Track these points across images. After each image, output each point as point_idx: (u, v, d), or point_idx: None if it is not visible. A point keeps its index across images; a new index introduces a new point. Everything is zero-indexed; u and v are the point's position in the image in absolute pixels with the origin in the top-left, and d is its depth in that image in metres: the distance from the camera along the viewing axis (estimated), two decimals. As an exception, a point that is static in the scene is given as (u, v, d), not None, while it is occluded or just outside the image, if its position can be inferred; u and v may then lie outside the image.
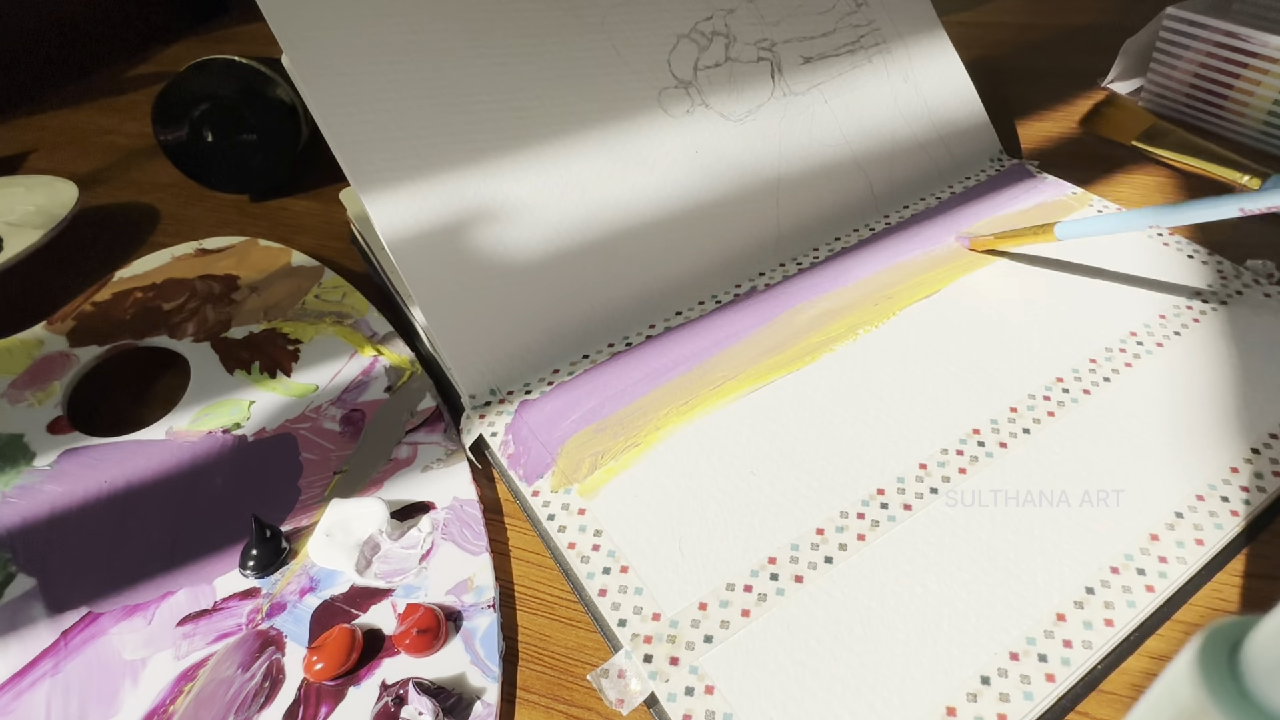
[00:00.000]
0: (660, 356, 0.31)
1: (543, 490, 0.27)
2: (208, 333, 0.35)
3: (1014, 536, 0.24)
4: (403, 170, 0.30)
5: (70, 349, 0.35)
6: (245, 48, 0.48)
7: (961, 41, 0.42)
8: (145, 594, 0.25)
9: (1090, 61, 0.50)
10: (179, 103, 0.43)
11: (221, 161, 0.45)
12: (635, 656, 0.22)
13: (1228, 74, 0.41)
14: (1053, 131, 0.45)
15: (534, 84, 0.32)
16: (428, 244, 0.30)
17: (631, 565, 0.24)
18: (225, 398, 0.32)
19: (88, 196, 0.47)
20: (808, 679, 0.21)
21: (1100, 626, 0.22)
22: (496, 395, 0.30)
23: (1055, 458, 0.26)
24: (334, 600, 0.25)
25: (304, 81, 0.29)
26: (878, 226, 0.37)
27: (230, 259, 0.40)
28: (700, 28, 0.36)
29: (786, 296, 0.33)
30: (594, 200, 0.33)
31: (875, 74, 0.39)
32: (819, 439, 0.27)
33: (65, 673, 0.23)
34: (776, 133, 0.36)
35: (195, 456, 0.30)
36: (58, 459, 0.30)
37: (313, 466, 0.29)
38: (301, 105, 0.47)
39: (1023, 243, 0.32)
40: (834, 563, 0.24)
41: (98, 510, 0.28)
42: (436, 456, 0.29)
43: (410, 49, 0.31)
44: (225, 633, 0.24)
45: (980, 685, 0.21)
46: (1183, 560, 0.23)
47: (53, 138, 0.57)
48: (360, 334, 0.34)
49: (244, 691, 0.22)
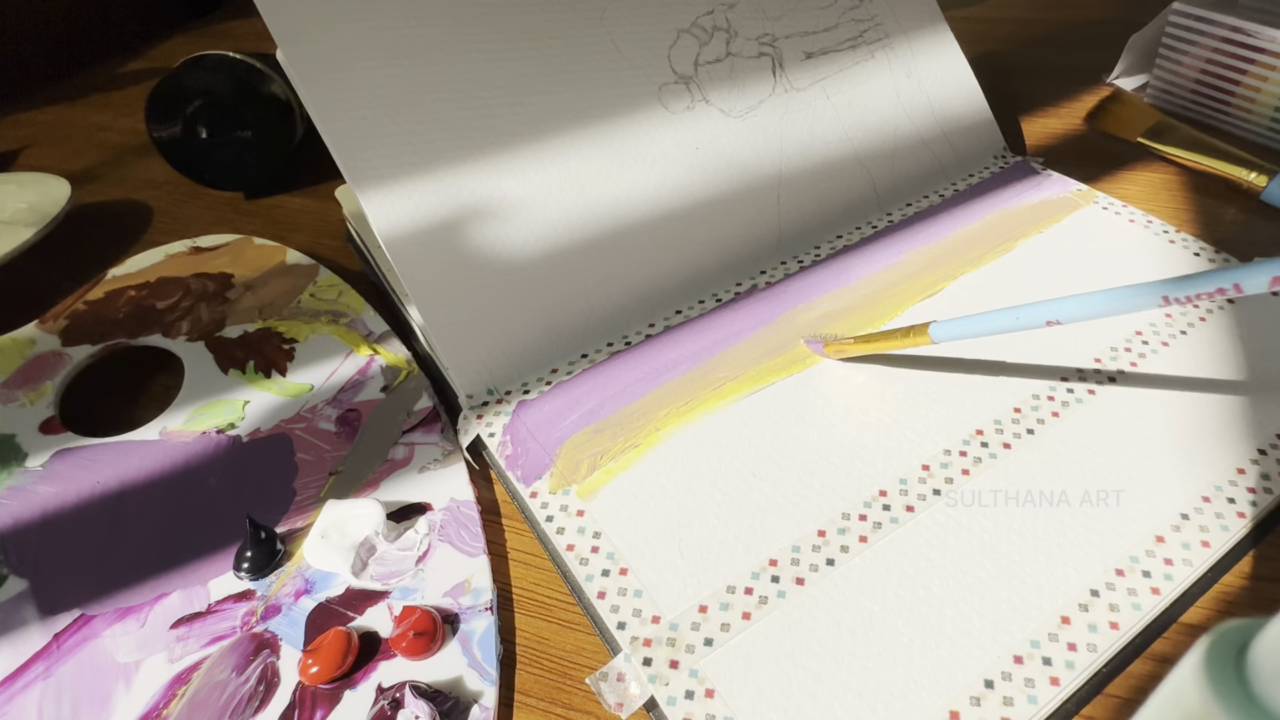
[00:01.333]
0: (660, 356, 0.31)
1: (541, 491, 0.27)
2: (202, 332, 0.35)
3: (1017, 538, 0.24)
4: (399, 167, 0.30)
5: (63, 348, 0.35)
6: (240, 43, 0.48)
7: (965, 37, 0.42)
8: (138, 596, 0.25)
9: (1095, 57, 0.50)
10: (173, 99, 0.43)
11: (216, 158, 0.45)
12: (634, 659, 0.22)
13: (1234, 70, 0.41)
14: (1057, 128, 0.45)
15: (532, 80, 0.32)
16: (424, 242, 0.30)
17: (631, 567, 0.24)
18: (219, 398, 0.32)
19: (80, 194, 0.47)
20: (809, 682, 0.21)
21: (1105, 629, 0.22)
22: (494, 395, 0.30)
23: (1059, 459, 0.26)
24: (329, 603, 0.25)
25: (299, 77, 0.29)
26: (880, 224, 0.37)
27: (225, 257, 0.39)
28: (701, 22, 0.36)
29: (788, 295, 0.33)
30: (593, 197, 0.32)
31: (878, 69, 0.39)
32: (820, 440, 0.27)
33: (57, 676, 0.23)
34: (778, 129, 0.36)
35: (189, 457, 0.30)
36: (50, 459, 0.30)
37: (308, 467, 0.29)
38: (297, 101, 0.46)
39: (889, 347, 0.27)
40: (836, 565, 0.24)
41: (90, 511, 0.28)
42: (433, 457, 0.29)
43: (406, 44, 0.31)
44: (219, 635, 0.24)
45: (984, 689, 0.21)
46: (1189, 562, 0.23)
47: (45, 134, 0.57)
48: (356, 333, 0.34)
49: (238, 695, 0.22)
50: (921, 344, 0.26)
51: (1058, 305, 0.22)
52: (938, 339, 0.25)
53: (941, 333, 0.25)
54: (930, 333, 0.25)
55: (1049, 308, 0.22)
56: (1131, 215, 0.36)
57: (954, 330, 0.24)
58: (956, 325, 0.25)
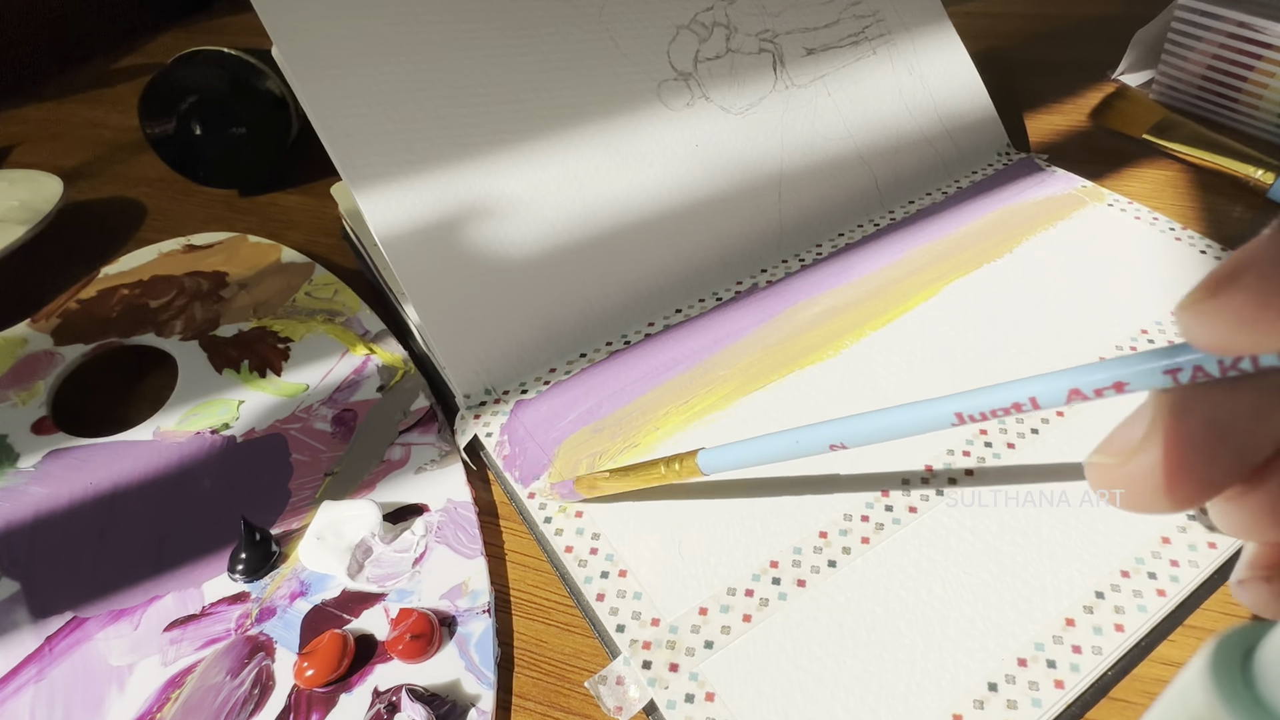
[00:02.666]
0: (659, 355, 0.31)
1: (539, 492, 0.27)
2: (196, 331, 0.35)
3: (1021, 539, 0.24)
4: (396, 164, 0.30)
5: (55, 347, 0.35)
6: (234, 39, 0.48)
7: (968, 32, 0.42)
8: (132, 599, 0.25)
9: (1100, 53, 0.50)
10: (166, 95, 0.43)
11: (210, 155, 0.45)
12: (634, 663, 0.22)
13: (1241, 66, 0.41)
14: (1061, 125, 0.45)
15: (530, 76, 0.32)
16: (421, 240, 0.30)
17: (630, 569, 0.24)
18: (214, 397, 0.32)
19: (73, 191, 0.47)
20: (811, 686, 0.21)
21: (1110, 632, 0.22)
22: (492, 395, 0.30)
23: (1064, 458, 0.26)
24: (325, 605, 0.25)
25: (294, 73, 0.29)
26: (882, 222, 0.37)
27: (219, 255, 0.39)
28: (700, 18, 0.36)
29: (789, 293, 0.33)
30: (591, 195, 0.32)
31: (879, 66, 0.39)
32: (822, 440, 0.27)
33: (50, 679, 0.23)
34: (779, 126, 0.36)
35: (183, 458, 0.30)
36: (42, 460, 0.30)
37: (303, 468, 0.29)
38: (292, 98, 0.46)
39: (651, 481, 0.24)
40: (837, 566, 0.24)
41: (83, 513, 0.28)
42: (430, 458, 0.29)
43: (403, 40, 0.30)
44: (214, 638, 0.24)
45: (988, 692, 0.21)
46: (1195, 564, 0.23)
47: (37, 131, 0.57)
48: (352, 332, 0.34)
49: (233, 699, 0.22)
50: (690, 476, 0.23)
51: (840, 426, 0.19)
52: (708, 470, 0.22)
53: (711, 462, 0.22)
54: (699, 462, 0.22)
55: (832, 429, 0.19)
56: (1137, 213, 0.36)
57: (725, 458, 0.21)
58: (727, 452, 0.21)
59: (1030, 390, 0.16)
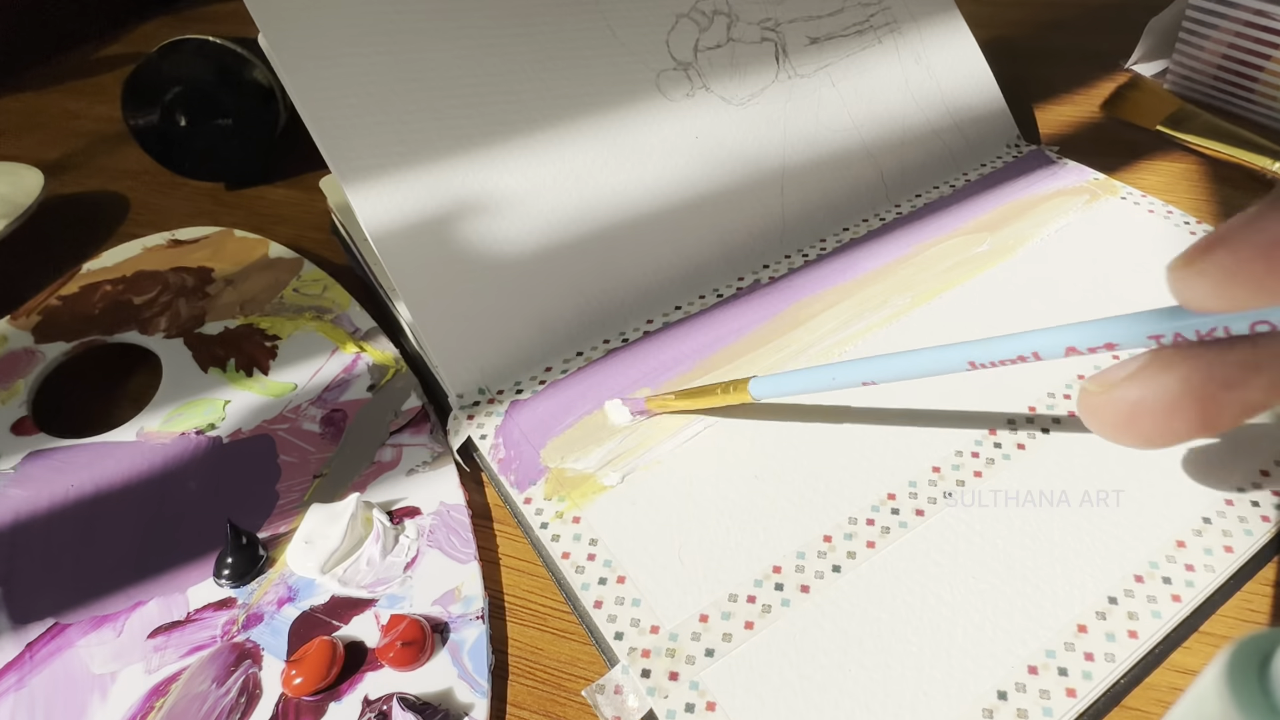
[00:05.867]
0: (659, 354, 0.31)
1: (535, 497, 0.27)
2: (180, 328, 0.35)
3: (1032, 543, 0.24)
4: (387, 157, 0.30)
5: (35, 345, 0.35)
6: (220, 28, 0.48)
7: (976, 21, 0.42)
8: (114, 604, 0.25)
9: (1112, 42, 0.50)
10: (150, 85, 0.43)
11: (195, 147, 0.45)
12: (633, 671, 0.22)
13: (1258, 55, 0.41)
14: (1073, 116, 0.45)
15: (524, 67, 0.32)
16: (413, 235, 0.30)
17: (629, 575, 0.24)
18: (199, 397, 0.32)
19: (54, 184, 0.47)
20: (814, 695, 0.21)
21: (1124, 638, 0.22)
22: (486, 395, 0.30)
23: (1076, 460, 0.26)
24: (314, 611, 0.25)
25: (282, 63, 0.29)
26: (888, 216, 0.37)
27: (204, 250, 0.39)
28: (700, 6, 0.36)
29: (792, 290, 0.33)
30: (588, 190, 0.32)
31: (886, 55, 0.39)
32: (826, 441, 0.27)
33: (30, 687, 0.23)
34: (781, 118, 0.36)
35: (167, 459, 0.29)
36: (22, 462, 0.30)
37: (291, 470, 0.29)
38: (279, 88, 0.46)
39: (711, 402, 0.27)
40: (842, 572, 0.24)
41: (64, 516, 0.28)
42: (422, 459, 0.29)
43: (394, 29, 0.30)
44: (199, 645, 0.24)
45: (997, 700, 0.21)
46: (1210, 568, 0.23)
47: (16, 122, 0.57)
48: (342, 330, 0.34)
49: (219, 707, 0.22)
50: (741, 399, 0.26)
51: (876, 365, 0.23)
52: (758, 395, 0.26)
53: (761, 389, 0.26)
54: (750, 389, 0.26)
55: (863, 367, 0.23)
56: (1151, 206, 0.36)
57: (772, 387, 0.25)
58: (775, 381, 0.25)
59: (1033, 344, 0.19)
